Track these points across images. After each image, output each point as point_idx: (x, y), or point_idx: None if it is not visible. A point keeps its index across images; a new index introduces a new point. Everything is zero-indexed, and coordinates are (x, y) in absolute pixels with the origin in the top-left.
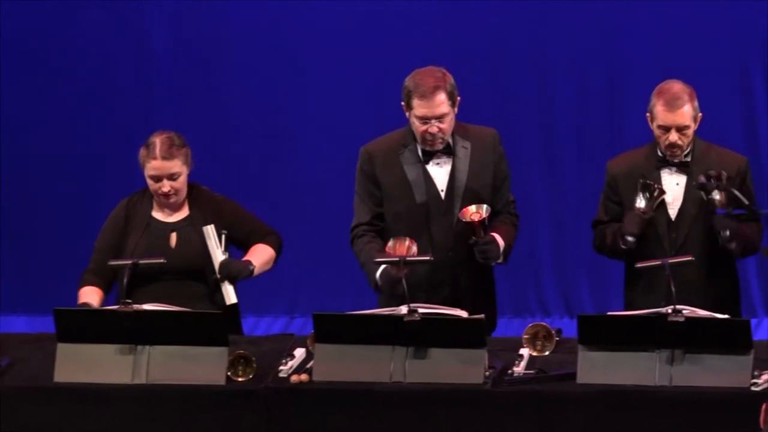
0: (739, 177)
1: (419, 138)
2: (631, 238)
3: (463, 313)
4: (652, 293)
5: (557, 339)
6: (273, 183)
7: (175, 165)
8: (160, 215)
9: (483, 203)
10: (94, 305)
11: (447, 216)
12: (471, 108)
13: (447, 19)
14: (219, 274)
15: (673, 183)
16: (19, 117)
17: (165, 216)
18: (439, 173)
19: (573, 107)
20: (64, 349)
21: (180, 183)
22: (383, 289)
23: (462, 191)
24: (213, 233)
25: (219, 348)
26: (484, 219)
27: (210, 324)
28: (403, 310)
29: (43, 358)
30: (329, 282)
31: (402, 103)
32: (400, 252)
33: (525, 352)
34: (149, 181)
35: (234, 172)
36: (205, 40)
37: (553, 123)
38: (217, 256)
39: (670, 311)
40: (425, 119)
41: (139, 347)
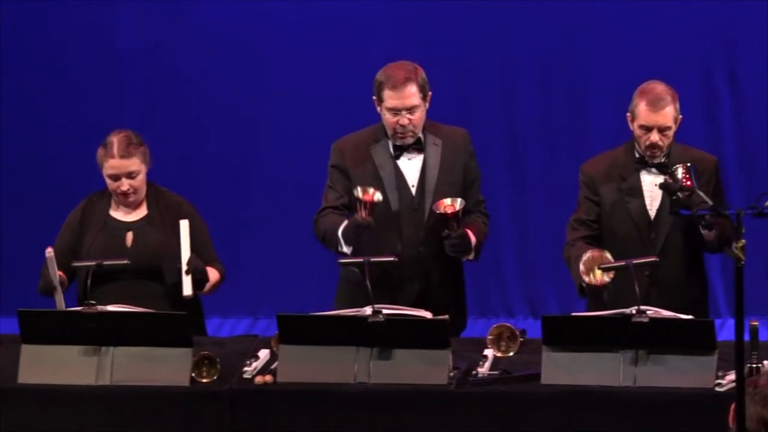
0: (713, 177)
1: (390, 131)
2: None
3: (427, 314)
4: (620, 294)
5: (521, 340)
6: (238, 183)
7: (134, 163)
8: (117, 214)
9: (458, 197)
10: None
11: (417, 211)
12: (435, 108)
13: (413, 20)
14: (187, 266)
15: (652, 183)
16: None
17: (122, 215)
18: (410, 168)
19: (537, 108)
20: (28, 351)
21: (139, 181)
22: (350, 239)
23: (433, 187)
24: (187, 229)
25: (183, 349)
26: (458, 212)
27: (174, 325)
28: (368, 311)
29: (7, 359)
30: (293, 283)
31: (373, 97)
32: (366, 197)
33: (489, 352)
34: (108, 181)
35: (199, 172)
36: (171, 38)
37: (517, 124)
38: (185, 251)
39: (634, 312)
40: (396, 110)
41: (104, 348)
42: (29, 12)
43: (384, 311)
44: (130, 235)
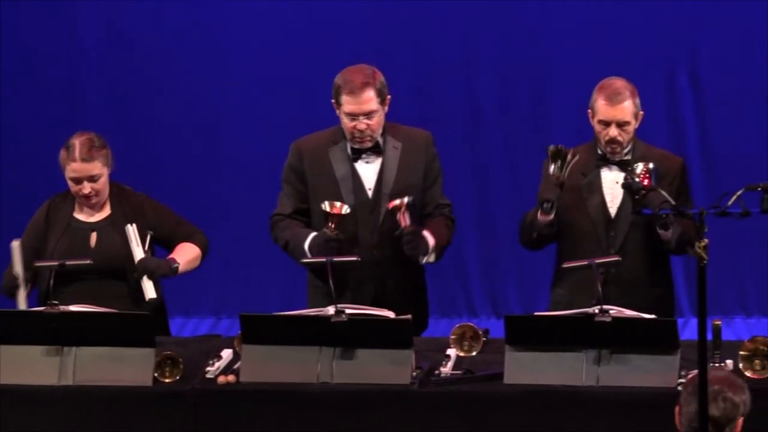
0: (677, 178)
1: (348, 135)
2: (547, 204)
3: (390, 314)
4: (582, 293)
5: (484, 339)
6: (199, 183)
7: (95, 167)
8: (81, 215)
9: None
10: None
11: (373, 214)
12: (397, 109)
13: (375, 20)
14: (136, 270)
15: (613, 181)
16: None
17: (86, 216)
18: (368, 172)
19: (500, 108)
20: None
21: (101, 184)
22: (319, 253)
23: (389, 190)
24: (134, 233)
25: (146, 349)
26: (400, 206)
27: (137, 325)
28: (331, 310)
29: None
30: (256, 283)
31: (332, 101)
32: (334, 210)
33: (452, 352)
34: (70, 183)
35: (160, 172)
36: (131, 40)
37: (480, 123)
38: (137, 254)
39: (597, 311)
40: (353, 116)
41: (66, 348)
42: None
43: (347, 311)
44: (94, 236)
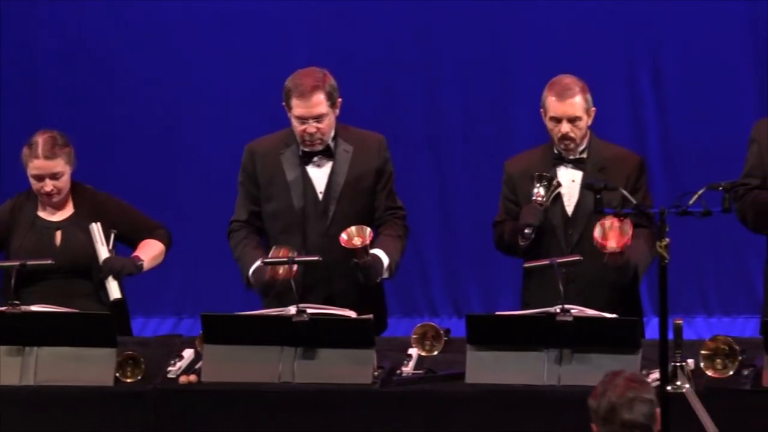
0: (633, 175)
1: (298, 138)
2: (529, 230)
3: (352, 314)
4: (546, 292)
5: (446, 339)
6: (159, 182)
7: (58, 164)
8: (44, 214)
9: (364, 225)
10: None
11: (323, 218)
12: (357, 111)
13: (333, 20)
14: (101, 271)
15: (569, 179)
16: None
17: (49, 215)
18: (318, 175)
19: (460, 109)
20: None
21: (63, 182)
22: (255, 288)
23: (339, 194)
24: (98, 231)
25: (107, 349)
26: (366, 245)
27: (98, 325)
28: (292, 310)
29: None
30: (217, 282)
31: (283, 104)
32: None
33: (414, 352)
34: (32, 181)
35: (120, 171)
36: (91, 39)
37: (441, 123)
38: (102, 253)
39: (558, 311)
40: (303, 119)
41: (27, 348)
42: None
43: (308, 311)
44: (59, 234)
